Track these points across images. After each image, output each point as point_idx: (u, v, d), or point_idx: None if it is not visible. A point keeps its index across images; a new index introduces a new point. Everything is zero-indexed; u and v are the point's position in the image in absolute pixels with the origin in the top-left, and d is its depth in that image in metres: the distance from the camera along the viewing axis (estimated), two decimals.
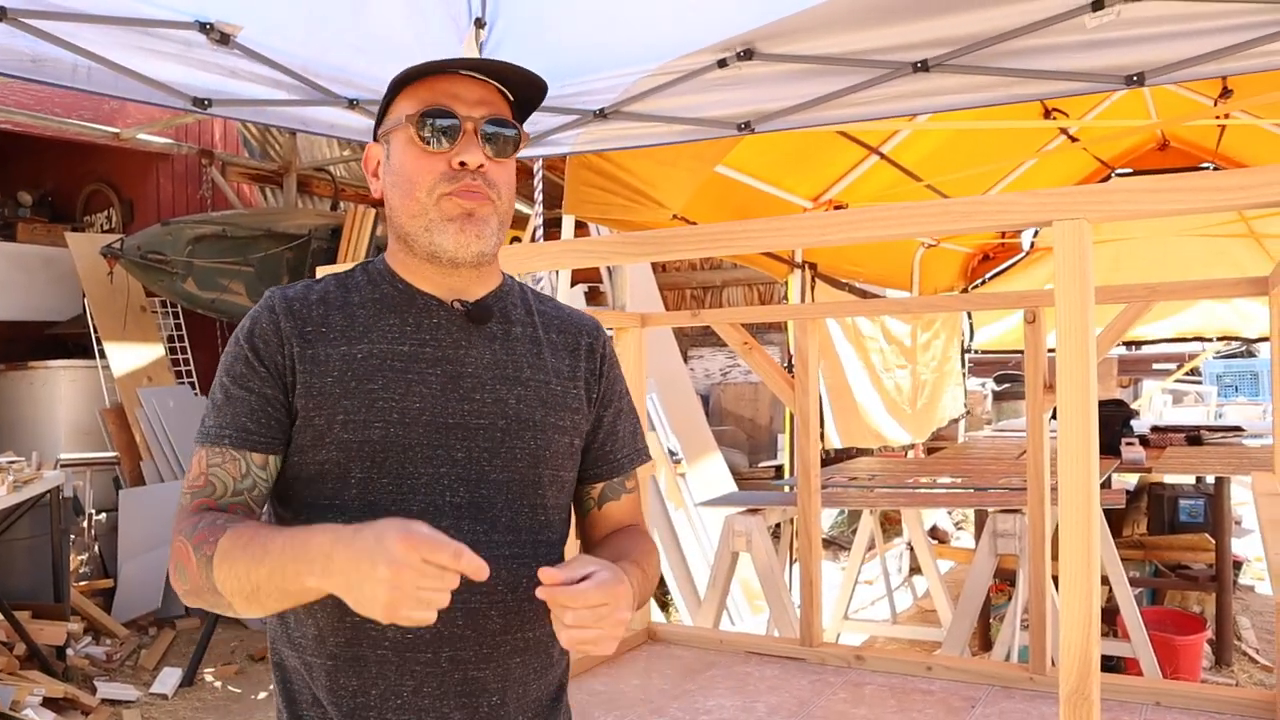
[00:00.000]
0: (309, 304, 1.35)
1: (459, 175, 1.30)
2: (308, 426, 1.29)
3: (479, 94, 1.33)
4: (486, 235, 1.32)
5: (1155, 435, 6.10)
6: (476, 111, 1.32)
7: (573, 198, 3.79)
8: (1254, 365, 13.01)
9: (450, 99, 1.31)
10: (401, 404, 1.30)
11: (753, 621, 5.87)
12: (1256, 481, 2.40)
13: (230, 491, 1.29)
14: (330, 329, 1.33)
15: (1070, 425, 1.21)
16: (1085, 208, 1.22)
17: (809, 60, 2.69)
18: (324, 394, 1.29)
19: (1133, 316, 2.64)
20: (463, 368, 1.34)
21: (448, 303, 1.36)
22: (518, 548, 1.34)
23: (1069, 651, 1.22)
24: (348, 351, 1.31)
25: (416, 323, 1.35)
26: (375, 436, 1.28)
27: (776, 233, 1.50)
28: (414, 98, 1.33)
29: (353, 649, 1.28)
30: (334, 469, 1.29)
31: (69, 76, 2.38)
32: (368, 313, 1.35)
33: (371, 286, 1.38)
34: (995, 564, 3.55)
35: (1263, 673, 4.93)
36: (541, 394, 1.39)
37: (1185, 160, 6.98)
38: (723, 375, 9.86)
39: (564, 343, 1.46)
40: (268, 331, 1.31)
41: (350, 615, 1.23)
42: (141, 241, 6.28)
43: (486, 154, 1.31)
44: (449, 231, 1.30)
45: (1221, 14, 2.25)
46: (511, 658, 1.34)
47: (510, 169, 1.37)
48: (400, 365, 1.32)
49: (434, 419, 1.31)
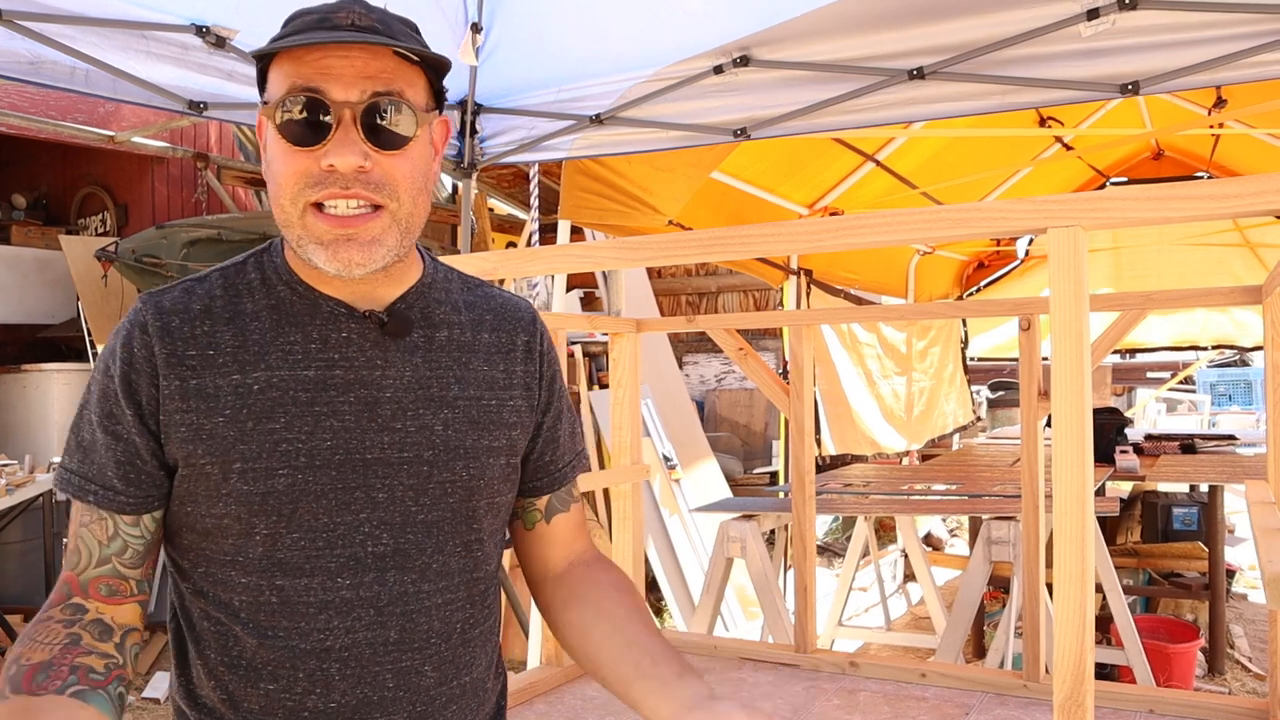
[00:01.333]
0: (190, 318, 1.10)
1: (329, 179, 1.03)
2: (199, 475, 1.08)
3: (362, 65, 1.03)
4: (376, 254, 1.07)
5: (1149, 443, 6.11)
6: (356, 91, 1.03)
7: (568, 203, 3.79)
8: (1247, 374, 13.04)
9: (321, 76, 1.02)
10: (310, 443, 1.09)
11: (747, 627, 5.86)
12: (1250, 490, 2.40)
13: (95, 560, 1.09)
14: (219, 352, 1.09)
15: (1065, 433, 1.22)
16: (1080, 215, 1.22)
17: (805, 67, 2.70)
18: (214, 437, 1.07)
19: (1127, 325, 2.64)
20: (380, 392, 1.13)
21: (359, 311, 1.13)
22: (450, 593, 1.18)
23: (1063, 658, 1.22)
24: (241, 381, 1.09)
25: (322, 338, 1.12)
26: (280, 486, 1.08)
27: (772, 238, 1.50)
28: (280, 73, 1.05)
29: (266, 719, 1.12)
30: (234, 524, 1.09)
31: (67, 79, 2.39)
32: (263, 326, 1.11)
33: (266, 289, 1.14)
34: (989, 571, 3.55)
35: (1255, 681, 4.93)
36: (472, 414, 1.19)
37: (1179, 169, 7.00)
38: (718, 381, 9.86)
39: (497, 344, 1.25)
40: (139, 360, 1.08)
41: (264, 683, 1.11)
42: (136, 245, 6.27)
43: (369, 149, 1.04)
44: (321, 255, 1.06)
45: (1216, 24, 2.26)
46: (446, 708, 1.19)
47: (413, 158, 1.08)
48: (305, 396, 1.10)
49: (348, 457, 1.11)
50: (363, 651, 1.12)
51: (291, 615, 1.10)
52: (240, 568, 1.10)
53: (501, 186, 7.85)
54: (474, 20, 3.01)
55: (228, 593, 1.11)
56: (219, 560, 1.11)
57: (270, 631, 1.10)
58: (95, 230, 8.32)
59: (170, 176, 8.14)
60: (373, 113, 1.04)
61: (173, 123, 7.28)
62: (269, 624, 1.10)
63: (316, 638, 1.10)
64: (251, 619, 1.11)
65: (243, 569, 1.10)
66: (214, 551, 1.11)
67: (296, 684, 1.11)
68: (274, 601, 1.10)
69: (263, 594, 1.10)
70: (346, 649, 1.11)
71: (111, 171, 8.20)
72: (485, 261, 2.11)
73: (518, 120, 3.26)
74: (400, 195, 1.07)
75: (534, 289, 5.49)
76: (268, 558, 1.09)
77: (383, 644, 1.13)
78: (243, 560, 1.10)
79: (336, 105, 1.03)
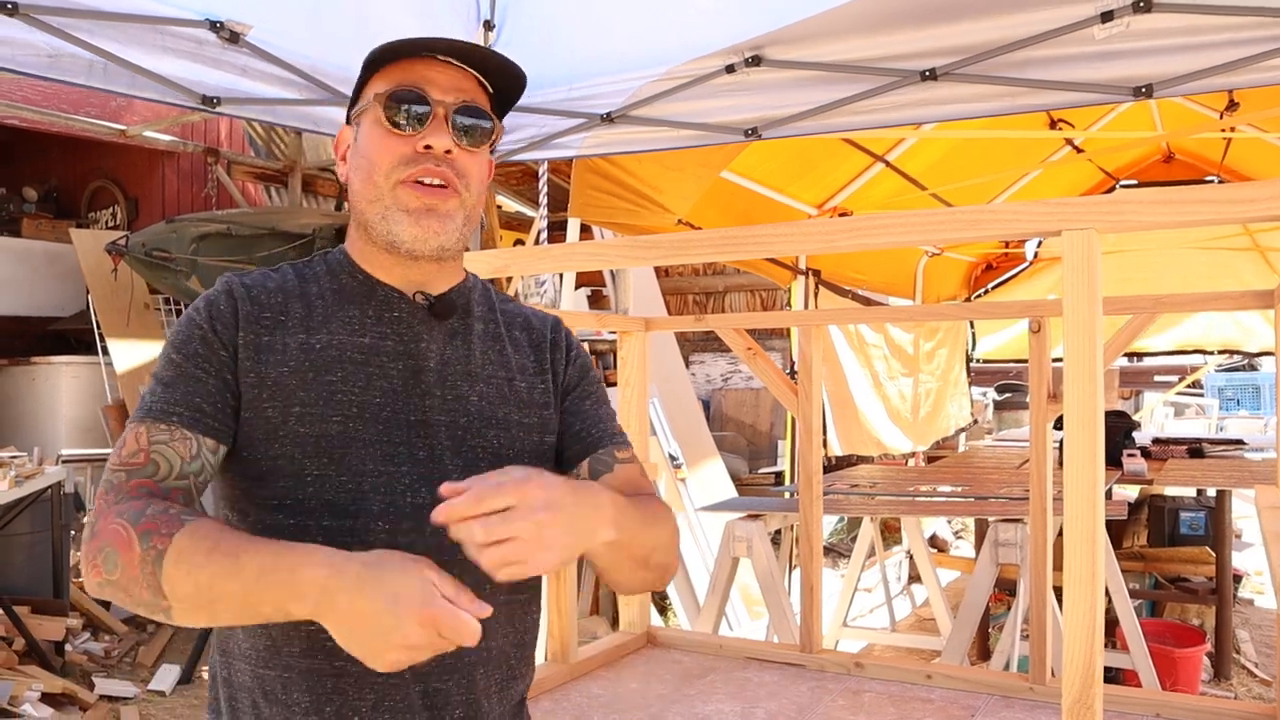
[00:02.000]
0: (267, 290, 1.29)
1: (422, 159, 1.24)
2: (260, 419, 1.21)
3: (454, 80, 1.28)
4: (449, 230, 1.26)
5: (1157, 447, 6.10)
6: (450, 97, 1.26)
7: (578, 201, 3.79)
8: (1255, 379, 13.01)
9: (423, 82, 1.26)
10: (361, 398, 1.24)
11: (752, 627, 5.86)
12: (1260, 495, 2.40)
13: (175, 473, 1.18)
14: (289, 317, 1.27)
15: (1077, 435, 1.22)
16: (1095, 218, 1.22)
17: (817, 67, 2.69)
18: (279, 384, 1.22)
19: (1138, 328, 2.64)
20: (424, 362, 1.29)
21: (409, 295, 1.31)
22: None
23: (1072, 661, 1.22)
24: (306, 340, 1.25)
25: (377, 315, 1.30)
26: (333, 431, 1.22)
27: (785, 238, 1.50)
28: (386, 78, 1.27)
29: (307, 660, 1.20)
30: (287, 465, 1.21)
31: (85, 74, 2.39)
32: (326, 303, 1.30)
33: (330, 277, 1.33)
34: (996, 573, 3.55)
35: (1261, 686, 4.93)
36: (504, 391, 1.35)
37: (1190, 173, 6.99)
38: (724, 381, 9.86)
39: (527, 339, 1.42)
40: (225, 314, 1.24)
41: (306, 624, 1.14)
42: (146, 239, 6.28)
43: (456, 141, 1.26)
44: (404, 223, 1.24)
45: (1230, 27, 2.25)
46: (475, 669, 1.28)
47: (481, 161, 1.31)
48: (360, 358, 1.26)
49: (394, 415, 1.26)
50: None
51: None
52: (289, 510, 1.21)
53: (510, 184, 7.86)
54: (486, 18, 3.01)
55: (277, 535, 1.16)
56: (270, 505, 1.21)
57: None
58: (105, 224, 8.35)
59: (181, 171, 8.16)
60: (462, 112, 1.26)
61: (184, 117, 7.29)
62: None
63: None
64: None
65: (291, 511, 1.21)
66: (265, 496, 1.22)
67: None
68: (320, 541, 1.13)
69: (310, 535, 1.18)
70: None
71: (122, 165, 8.22)
72: (495, 259, 2.11)
73: (528, 118, 3.26)
74: (472, 186, 1.28)
75: (542, 286, 5.50)
76: (316, 498, 1.20)
77: None
78: (292, 503, 1.21)
79: (435, 102, 1.25)
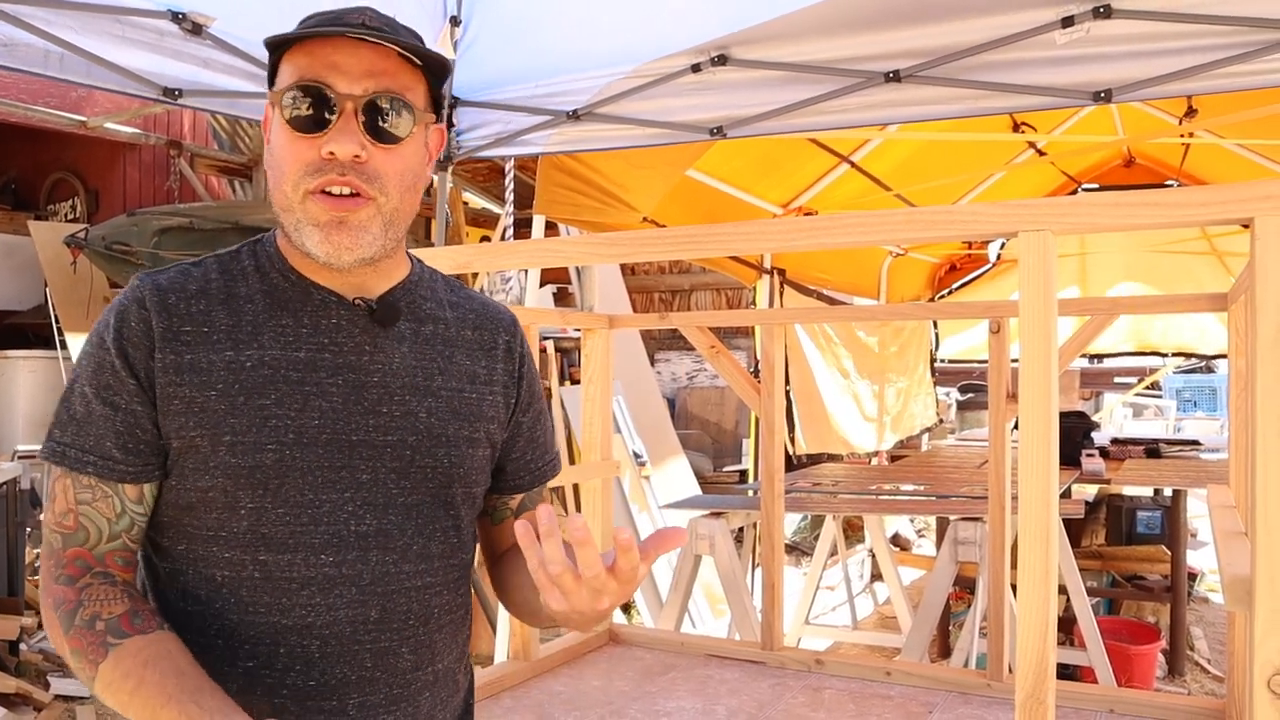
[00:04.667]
0: (186, 296, 1.14)
1: (327, 166, 1.09)
2: (188, 448, 1.11)
3: (369, 63, 1.10)
4: (365, 242, 1.12)
5: (1115, 447, 6.18)
6: (359, 86, 1.09)
7: (544, 198, 3.79)
8: (1212, 381, 13.20)
9: (328, 72, 1.09)
10: (298, 421, 1.13)
11: (714, 625, 5.88)
12: (1212, 494, 2.43)
13: (106, 535, 1.12)
14: (213, 329, 1.13)
15: (1032, 435, 1.23)
16: (1050, 220, 1.24)
17: (782, 67, 2.71)
18: (206, 410, 1.11)
19: (1095, 329, 2.67)
20: (367, 376, 1.17)
21: (348, 300, 1.18)
22: (429, 576, 1.21)
23: (1025, 657, 1.23)
24: (234, 358, 1.13)
25: (313, 323, 1.17)
26: (268, 461, 1.11)
27: (745, 237, 1.51)
28: (292, 64, 1.12)
29: (244, 698, 1.08)
30: (220, 497, 1.11)
31: (41, 63, 2.36)
32: (256, 309, 1.16)
33: (260, 276, 1.19)
34: (955, 571, 3.58)
35: (1214, 682, 5.00)
36: (454, 404, 1.24)
37: (1150, 177, 7.08)
38: (689, 379, 9.88)
39: (479, 341, 1.30)
40: (137, 334, 1.11)
41: (243, 661, 1.12)
42: (106, 232, 6.21)
43: (367, 141, 1.10)
44: (316, 237, 1.11)
45: (1188, 34, 2.29)
46: (421, 694, 1.22)
47: (405, 155, 1.14)
48: (296, 375, 1.14)
49: (335, 436, 1.14)
50: (343, 629, 1.14)
51: (273, 591, 1.12)
52: (224, 543, 1.12)
53: (476, 180, 7.83)
54: (453, 14, 3.00)
55: (209, 569, 1.13)
56: (201, 536, 1.13)
57: (252, 607, 1.12)
58: (65, 216, 8.23)
59: (142, 163, 8.06)
60: (373, 107, 1.10)
61: (146, 109, 7.22)
62: (251, 599, 1.12)
63: (298, 614, 1.13)
64: (233, 594, 1.12)
65: (226, 544, 1.12)
66: (196, 527, 1.13)
67: (277, 660, 1.13)
68: (256, 576, 1.12)
69: (245, 569, 1.12)
70: (327, 626, 1.13)
71: (82, 157, 8.11)
72: (460, 255, 2.11)
73: (494, 114, 3.25)
74: (389, 190, 1.13)
75: (507, 283, 5.48)
76: (252, 532, 1.12)
77: (363, 622, 1.15)
78: (226, 535, 1.12)
79: (340, 97, 1.09)
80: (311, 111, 1.09)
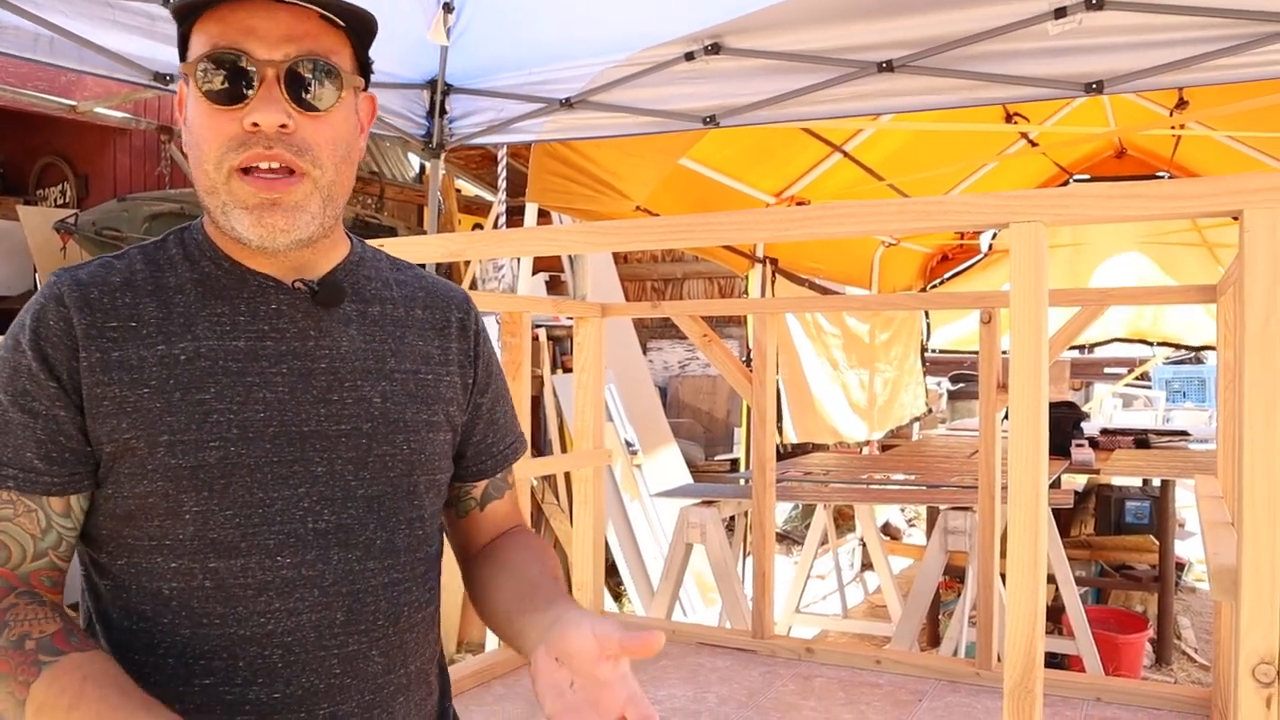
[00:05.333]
0: (110, 290, 1.05)
1: (252, 139, 1.01)
2: (124, 452, 1.02)
3: (286, 27, 1.02)
4: (301, 222, 1.04)
5: (1104, 438, 6.21)
6: (279, 52, 1.01)
7: (536, 186, 3.78)
8: (1201, 372, 13.26)
9: (244, 37, 1.00)
10: (242, 415, 1.04)
11: (705, 613, 5.90)
12: (1199, 484, 2.45)
13: (31, 554, 1.02)
14: (141, 323, 1.04)
15: (1021, 425, 1.24)
16: (1042, 211, 1.24)
17: (775, 56, 2.71)
18: (140, 409, 1.01)
19: (1085, 320, 2.68)
20: (314, 363, 1.09)
21: (287, 283, 1.10)
22: (396, 572, 1.13)
23: (1014, 646, 1.24)
24: (166, 352, 1.03)
25: (251, 310, 1.08)
26: (211, 459, 1.02)
27: (737, 227, 1.52)
28: (204, 32, 1.03)
29: (203, 717, 1.03)
30: (161, 502, 1.02)
31: (30, 47, 2.35)
32: (188, 299, 1.07)
33: (190, 264, 1.09)
34: (945, 560, 3.59)
35: (1200, 671, 5.04)
36: (410, 387, 1.16)
37: (1141, 168, 7.09)
38: (681, 368, 9.89)
39: (431, 320, 1.22)
40: (56, 334, 1.02)
41: (199, 678, 1.04)
42: (96, 217, 6.19)
43: (292, 109, 1.01)
44: (246, 221, 1.02)
45: (1180, 27, 2.29)
46: (394, 699, 1.14)
47: (335, 124, 1.06)
48: (236, 367, 1.05)
49: (283, 429, 1.06)
50: (307, 635, 1.06)
51: (228, 600, 1.04)
52: (169, 552, 1.03)
53: (469, 168, 7.82)
54: (446, 0, 2.99)
55: (155, 582, 1.04)
56: (143, 547, 1.04)
57: (205, 619, 1.04)
58: (54, 201, 8.19)
59: (133, 148, 8.02)
60: (294, 74, 1.02)
61: (136, 94, 7.18)
62: (203, 611, 1.04)
63: (256, 622, 1.04)
64: (184, 607, 1.04)
65: (171, 553, 1.03)
66: (138, 538, 1.04)
67: (236, 675, 1.04)
68: (208, 586, 1.03)
69: (195, 578, 1.03)
70: (289, 633, 1.05)
71: (72, 142, 8.07)
72: (452, 242, 2.11)
73: (487, 101, 3.24)
74: (323, 161, 1.04)
75: (500, 271, 5.48)
76: (199, 538, 1.03)
77: (329, 626, 1.07)
78: (170, 543, 1.03)
79: (260, 64, 1.01)
80: (228, 84, 1.01)
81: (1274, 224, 1.12)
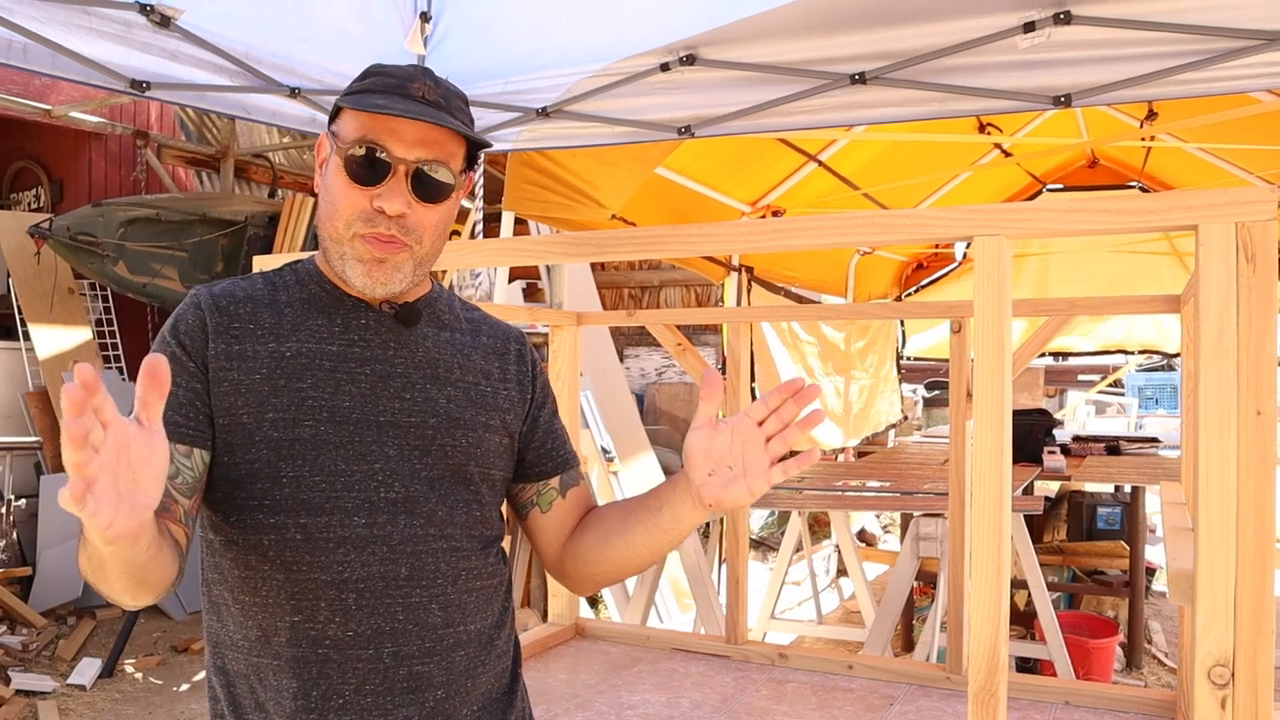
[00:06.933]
0: (236, 300, 1.33)
1: (377, 218, 1.27)
2: (235, 425, 1.27)
3: (422, 132, 1.28)
4: (398, 279, 1.31)
5: (1076, 444, 6.27)
6: (413, 154, 1.27)
7: (513, 194, 3.80)
8: (1173, 379, 13.39)
9: (387, 136, 1.27)
10: (331, 402, 1.30)
11: (681, 619, 5.92)
12: (1164, 491, 2.49)
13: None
14: (258, 326, 1.32)
15: (985, 433, 1.27)
16: (1005, 225, 1.27)
17: (750, 68, 2.73)
18: (252, 391, 1.28)
19: (1054, 329, 2.72)
20: (393, 367, 1.35)
21: (376, 304, 1.36)
22: (455, 541, 1.35)
23: (978, 650, 1.27)
24: (276, 349, 1.30)
25: (345, 323, 1.35)
26: (305, 435, 1.28)
27: (710, 238, 1.54)
28: (356, 121, 1.29)
29: (293, 649, 1.27)
30: (264, 469, 1.27)
31: (4, 53, 2.34)
32: (295, 312, 1.34)
33: (300, 286, 1.37)
34: (917, 566, 3.63)
35: (1170, 675, 5.10)
36: (471, 394, 1.40)
37: (1113, 178, 7.18)
38: (658, 375, 9.91)
39: (492, 346, 1.47)
40: (194, 327, 1.30)
41: (290, 615, 1.27)
42: (71, 222, 6.15)
43: (412, 199, 1.28)
44: (358, 271, 1.29)
45: (1147, 42, 2.33)
46: (455, 651, 1.34)
47: (442, 210, 1.33)
48: (329, 365, 1.31)
49: (364, 417, 1.31)
50: (376, 584, 1.28)
51: (313, 550, 1.27)
52: (268, 510, 1.27)
53: None
54: (423, 9, 3.00)
55: (257, 534, 1.27)
56: (250, 506, 1.27)
57: (295, 566, 1.27)
58: (28, 206, 8.14)
59: (109, 153, 7.98)
60: (421, 172, 1.28)
61: (112, 99, 7.14)
62: (294, 559, 1.27)
63: (335, 570, 1.27)
64: (279, 556, 1.27)
65: (270, 511, 1.27)
66: (245, 498, 1.27)
67: (319, 613, 1.27)
68: (298, 538, 1.26)
69: (288, 532, 1.27)
70: (362, 580, 1.28)
71: (47, 146, 8.02)
72: None
73: None
74: (425, 239, 1.32)
75: (477, 279, 5.48)
76: (293, 498, 1.26)
77: (394, 579, 1.29)
78: (269, 503, 1.27)
79: (395, 160, 1.27)
80: (369, 168, 1.27)
81: (1228, 239, 1.16)
